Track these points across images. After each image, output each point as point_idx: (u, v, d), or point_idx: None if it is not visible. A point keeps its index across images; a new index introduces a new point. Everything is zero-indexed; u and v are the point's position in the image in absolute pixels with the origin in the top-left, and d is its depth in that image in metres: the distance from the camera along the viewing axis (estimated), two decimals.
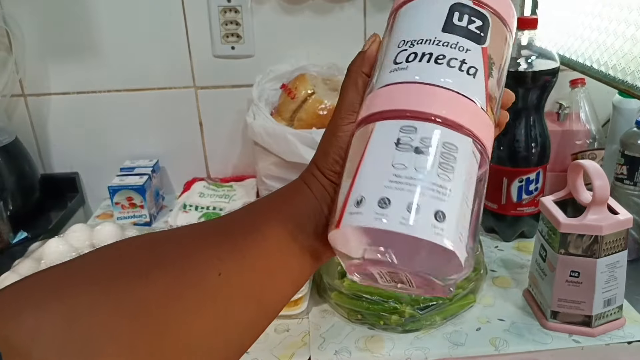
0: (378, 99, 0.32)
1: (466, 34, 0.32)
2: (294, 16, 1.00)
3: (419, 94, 0.31)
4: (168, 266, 0.31)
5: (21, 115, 1.04)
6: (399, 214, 0.28)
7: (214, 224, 0.36)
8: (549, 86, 0.84)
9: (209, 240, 0.34)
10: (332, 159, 0.36)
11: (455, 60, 0.31)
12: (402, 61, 0.32)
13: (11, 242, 0.92)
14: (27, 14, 0.97)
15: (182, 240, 0.34)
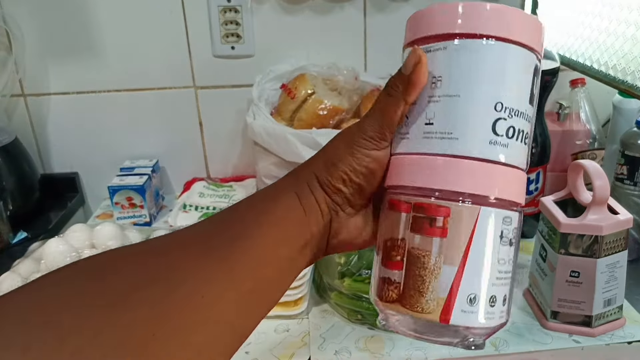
0: (480, 173, 0.30)
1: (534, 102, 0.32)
2: (294, 16, 1.00)
3: (514, 182, 0.31)
4: (151, 287, 0.27)
5: (21, 115, 1.04)
6: (498, 310, 0.30)
7: (196, 232, 0.33)
8: (549, 86, 0.84)
9: (193, 253, 0.30)
10: (340, 176, 0.34)
11: (527, 136, 0.32)
12: (502, 134, 0.30)
13: (11, 242, 0.92)
14: (27, 14, 0.97)
15: (167, 253, 0.30)
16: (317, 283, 0.79)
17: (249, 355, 0.68)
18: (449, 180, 0.29)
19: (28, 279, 0.74)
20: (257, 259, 0.31)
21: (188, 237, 0.32)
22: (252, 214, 0.33)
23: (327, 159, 0.34)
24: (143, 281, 0.27)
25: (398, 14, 1.00)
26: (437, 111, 0.30)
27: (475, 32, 0.30)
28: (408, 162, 0.31)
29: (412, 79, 0.31)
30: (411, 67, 0.31)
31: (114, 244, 0.80)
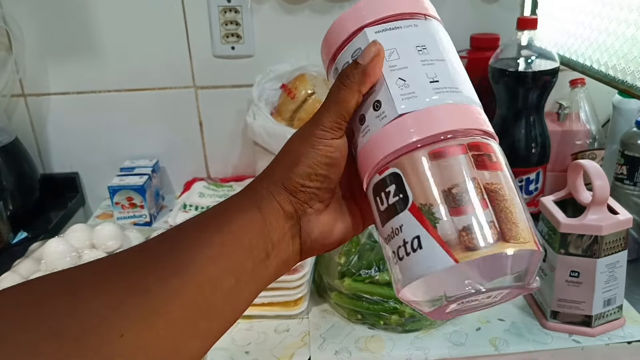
0: (483, 115, 0.34)
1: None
2: (294, 16, 1.00)
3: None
4: (62, 330, 0.24)
5: (21, 115, 1.04)
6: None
7: (124, 254, 0.30)
8: (549, 86, 0.84)
9: (112, 282, 0.27)
10: (304, 171, 0.34)
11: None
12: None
13: (11, 242, 0.92)
14: (27, 14, 0.97)
15: (77, 292, 0.27)
16: (317, 283, 0.79)
17: (249, 355, 0.68)
18: (477, 120, 0.33)
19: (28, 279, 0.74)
20: (195, 287, 0.29)
21: (113, 265, 0.30)
22: (197, 232, 0.32)
23: (287, 160, 0.35)
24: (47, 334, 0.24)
25: None
26: (438, 71, 0.33)
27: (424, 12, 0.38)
28: (433, 111, 0.32)
29: (368, 70, 0.33)
30: (369, 58, 0.33)
31: (114, 244, 0.80)
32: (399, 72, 0.33)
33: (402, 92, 0.33)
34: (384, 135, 0.32)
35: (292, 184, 0.34)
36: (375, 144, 0.33)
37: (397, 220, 0.31)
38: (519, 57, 0.84)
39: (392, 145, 0.32)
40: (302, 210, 0.35)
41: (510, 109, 0.86)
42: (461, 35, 0.98)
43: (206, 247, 0.31)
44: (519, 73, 0.83)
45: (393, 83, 0.33)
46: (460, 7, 0.99)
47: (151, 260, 0.30)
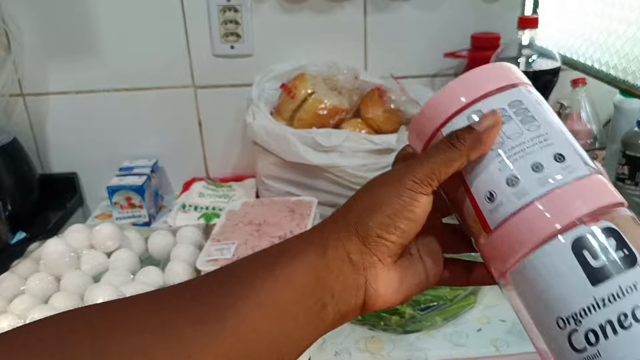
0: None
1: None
2: (294, 15, 1.00)
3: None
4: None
5: (20, 115, 1.04)
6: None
7: (162, 293, 0.29)
8: (550, 86, 0.83)
9: (146, 321, 0.26)
10: (384, 221, 0.31)
11: None
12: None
13: (10, 242, 0.92)
14: (25, 13, 0.97)
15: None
16: None
17: None
18: (603, 195, 0.30)
19: (27, 279, 0.74)
20: (236, 334, 0.27)
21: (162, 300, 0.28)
22: (247, 272, 0.30)
23: (366, 204, 0.32)
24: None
25: (398, 13, 0.99)
26: (564, 150, 0.31)
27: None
28: (568, 191, 0.29)
29: (483, 138, 0.31)
30: (486, 126, 0.31)
31: (113, 244, 0.80)
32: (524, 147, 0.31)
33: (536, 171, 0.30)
34: (541, 215, 0.29)
35: (367, 231, 0.31)
36: (531, 222, 0.29)
37: (626, 278, 0.27)
38: (520, 56, 0.83)
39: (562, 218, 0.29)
40: (370, 262, 0.31)
41: None
42: (462, 34, 0.98)
43: (254, 291, 0.28)
44: None
45: (525, 161, 0.30)
46: (461, 7, 0.99)
47: (191, 300, 0.28)
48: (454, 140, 0.31)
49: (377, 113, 0.91)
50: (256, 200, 0.88)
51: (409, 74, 1.03)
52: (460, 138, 0.31)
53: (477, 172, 0.32)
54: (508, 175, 0.30)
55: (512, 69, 0.35)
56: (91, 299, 0.68)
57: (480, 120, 0.31)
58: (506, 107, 0.32)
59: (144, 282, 0.74)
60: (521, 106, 0.32)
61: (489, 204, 0.31)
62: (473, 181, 0.32)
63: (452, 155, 0.31)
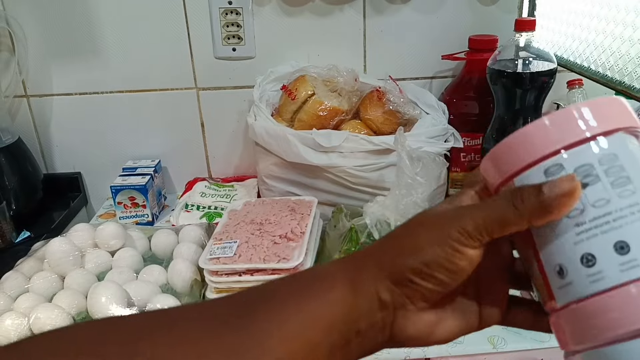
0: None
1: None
2: (294, 18, 1.00)
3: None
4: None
5: (24, 116, 1.05)
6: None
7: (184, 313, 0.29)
8: (547, 87, 0.84)
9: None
10: (418, 268, 0.28)
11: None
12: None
13: (14, 241, 0.93)
14: (29, 15, 0.98)
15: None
16: None
17: None
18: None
19: (31, 278, 0.75)
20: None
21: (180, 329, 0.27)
22: (272, 304, 0.28)
23: (403, 244, 0.29)
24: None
25: (397, 16, 1.00)
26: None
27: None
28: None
29: (551, 207, 0.26)
30: (557, 194, 0.25)
31: (117, 244, 0.80)
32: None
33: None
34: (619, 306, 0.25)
35: (399, 274, 0.29)
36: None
37: None
38: (517, 58, 0.84)
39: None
40: (400, 303, 0.29)
41: (508, 109, 0.87)
42: (460, 36, 0.99)
43: (281, 324, 0.27)
44: (517, 74, 0.83)
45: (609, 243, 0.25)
46: (458, 9, 1.00)
47: (221, 326, 0.27)
48: (517, 198, 0.27)
49: (376, 114, 0.92)
50: (257, 200, 0.88)
51: (407, 76, 1.04)
52: (524, 199, 0.26)
53: (548, 239, 0.27)
54: (584, 252, 0.25)
55: (622, 106, 0.27)
56: (95, 298, 0.69)
57: (552, 184, 0.26)
58: (595, 164, 0.26)
59: (147, 280, 0.75)
60: (615, 162, 0.26)
61: (558, 279, 0.27)
62: (543, 247, 0.27)
63: (510, 216, 0.27)
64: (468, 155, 0.97)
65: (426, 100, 0.96)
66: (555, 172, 0.26)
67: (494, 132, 0.89)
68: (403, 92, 0.94)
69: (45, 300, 0.72)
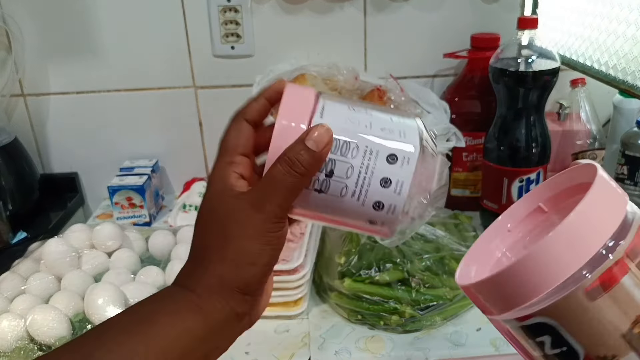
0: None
1: None
2: (294, 16, 1.00)
3: None
4: None
5: (21, 115, 1.04)
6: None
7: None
8: (550, 86, 0.83)
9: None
10: (263, 273, 0.31)
11: None
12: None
13: (11, 242, 0.92)
14: (26, 14, 0.97)
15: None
16: (317, 283, 0.79)
17: (249, 356, 0.68)
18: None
19: (28, 279, 0.74)
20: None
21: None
22: (118, 343, 0.28)
23: (237, 255, 0.31)
24: None
25: (398, 13, 1.00)
26: None
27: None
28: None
29: (322, 154, 0.31)
30: (324, 142, 0.31)
31: (114, 244, 0.80)
32: None
33: None
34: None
35: (249, 285, 0.31)
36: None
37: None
38: (520, 56, 0.83)
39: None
40: (253, 302, 0.32)
41: (511, 108, 0.86)
42: (461, 34, 0.98)
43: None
44: (519, 73, 0.82)
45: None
46: (460, 6, 0.99)
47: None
48: (294, 164, 0.30)
49: None
50: None
51: (409, 75, 1.04)
52: (299, 159, 0.30)
53: (345, 218, 0.33)
54: (372, 204, 0.32)
55: (297, 95, 0.34)
56: (92, 299, 0.68)
57: (315, 139, 0.30)
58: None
59: (145, 282, 0.74)
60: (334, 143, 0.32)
61: (373, 227, 0.33)
62: (347, 222, 0.33)
63: (295, 180, 0.30)
64: (470, 155, 0.96)
65: (428, 99, 0.95)
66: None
67: (496, 131, 0.88)
68: (404, 91, 0.93)
69: (42, 301, 0.71)
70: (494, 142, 0.88)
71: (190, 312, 0.30)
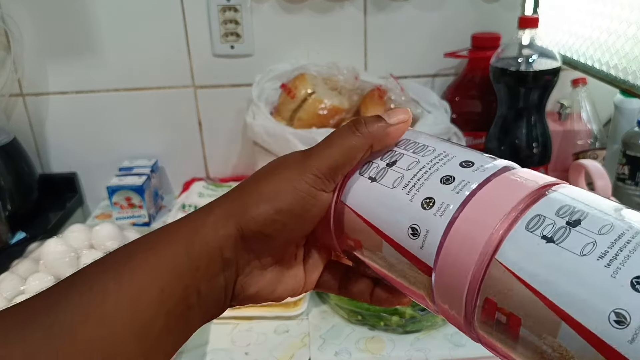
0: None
1: None
2: (294, 15, 0.99)
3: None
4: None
5: (20, 115, 1.04)
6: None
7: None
8: (550, 86, 0.83)
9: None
10: (270, 217, 0.27)
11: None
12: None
13: (9, 242, 0.92)
14: (26, 13, 0.97)
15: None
16: None
17: (249, 356, 0.68)
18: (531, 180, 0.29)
19: (27, 279, 0.74)
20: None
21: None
22: (96, 274, 0.25)
23: (258, 191, 0.28)
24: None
25: (398, 13, 0.99)
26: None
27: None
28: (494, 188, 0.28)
29: (391, 131, 0.29)
30: (399, 119, 0.29)
31: (113, 244, 0.79)
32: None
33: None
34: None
35: (249, 224, 0.27)
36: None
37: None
38: (520, 56, 0.83)
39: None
40: (246, 259, 0.28)
41: (512, 108, 0.86)
42: (462, 34, 0.98)
43: (94, 305, 0.24)
44: (520, 72, 0.82)
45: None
46: (461, 6, 0.99)
47: (24, 316, 0.24)
48: (360, 126, 0.28)
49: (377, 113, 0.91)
50: None
51: (409, 74, 1.03)
52: (367, 124, 0.29)
53: (387, 214, 0.27)
54: (422, 199, 0.26)
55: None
56: None
57: (392, 113, 0.29)
58: (395, 148, 0.30)
59: None
60: (409, 142, 0.30)
61: (414, 241, 0.26)
62: (386, 226, 0.27)
63: (355, 142, 0.28)
64: None
65: (428, 99, 0.95)
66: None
67: (497, 131, 0.88)
68: (404, 91, 0.93)
69: None
70: (495, 142, 0.88)
71: (174, 242, 0.26)
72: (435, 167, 0.27)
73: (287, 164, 0.28)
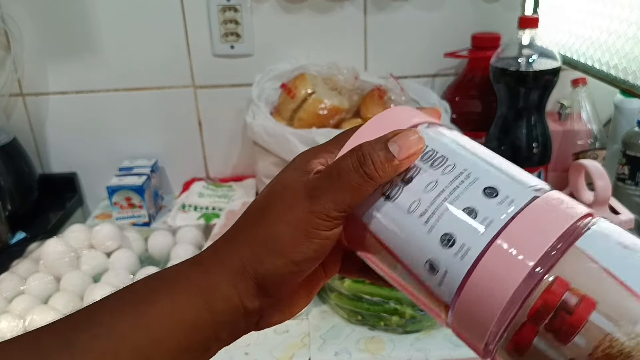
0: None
1: None
2: (294, 15, 0.99)
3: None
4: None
5: (19, 115, 1.04)
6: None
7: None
8: (550, 86, 0.83)
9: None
10: (289, 270, 0.26)
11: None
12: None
13: (9, 242, 0.91)
14: (25, 13, 0.97)
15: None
16: None
17: (249, 356, 0.68)
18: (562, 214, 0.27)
19: (27, 280, 0.74)
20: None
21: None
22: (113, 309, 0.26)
23: (265, 240, 0.26)
24: None
25: (398, 13, 0.99)
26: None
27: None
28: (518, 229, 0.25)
29: (401, 164, 0.26)
30: (410, 150, 0.26)
31: (113, 244, 0.80)
32: None
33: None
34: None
35: (267, 279, 0.26)
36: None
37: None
38: (520, 56, 0.83)
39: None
40: (268, 303, 0.27)
41: (512, 108, 0.86)
42: (462, 34, 0.98)
43: (109, 353, 0.24)
44: (520, 72, 0.82)
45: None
46: (461, 6, 0.99)
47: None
48: (365, 165, 0.26)
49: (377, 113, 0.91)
50: None
51: (409, 74, 1.03)
52: (373, 161, 0.26)
53: (402, 243, 0.26)
54: (440, 235, 0.24)
55: (405, 112, 0.29)
56: (91, 299, 0.68)
57: (400, 140, 0.26)
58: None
59: None
60: (426, 149, 0.27)
61: (433, 276, 0.25)
62: (403, 255, 0.26)
63: (361, 183, 0.26)
64: None
65: (428, 99, 0.94)
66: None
67: (497, 131, 0.88)
68: (404, 91, 0.93)
69: (41, 302, 0.71)
70: (495, 142, 0.88)
71: (193, 296, 0.26)
72: (456, 193, 0.25)
73: (290, 202, 0.27)
